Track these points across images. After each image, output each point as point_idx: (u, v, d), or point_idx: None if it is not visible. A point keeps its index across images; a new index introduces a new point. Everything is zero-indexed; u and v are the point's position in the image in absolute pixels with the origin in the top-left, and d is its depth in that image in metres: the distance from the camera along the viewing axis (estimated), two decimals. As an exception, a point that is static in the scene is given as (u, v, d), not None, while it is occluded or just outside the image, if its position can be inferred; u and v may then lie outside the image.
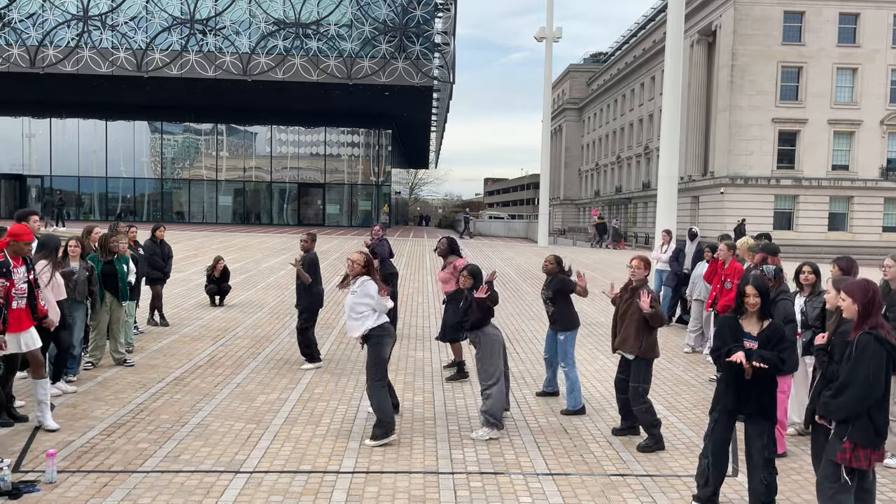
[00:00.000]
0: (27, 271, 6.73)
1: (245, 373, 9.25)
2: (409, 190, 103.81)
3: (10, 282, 6.48)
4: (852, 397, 4.42)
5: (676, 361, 10.81)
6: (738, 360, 5.06)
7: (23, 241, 6.66)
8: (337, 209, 50.47)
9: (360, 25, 38.61)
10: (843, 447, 4.47)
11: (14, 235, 6.64)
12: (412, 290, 17.31)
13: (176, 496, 5.40)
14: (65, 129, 48.07)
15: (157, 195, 49.53)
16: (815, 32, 44.57)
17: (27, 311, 6.70)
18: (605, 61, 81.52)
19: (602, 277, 21.92)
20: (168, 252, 12.41)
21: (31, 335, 6.73)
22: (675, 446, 6.93)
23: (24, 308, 6.66)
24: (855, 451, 4.45)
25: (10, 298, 6.51)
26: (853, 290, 4.61)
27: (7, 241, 6.63)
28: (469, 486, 5.79)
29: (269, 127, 48.90)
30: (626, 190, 65.81)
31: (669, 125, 18.07)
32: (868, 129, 44.98)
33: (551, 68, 38.64)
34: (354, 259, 6.99)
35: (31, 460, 6.01)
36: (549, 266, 8.16)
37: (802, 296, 7.22)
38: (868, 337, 4.44)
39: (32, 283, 6.78)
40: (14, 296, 6.55)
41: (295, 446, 6.58)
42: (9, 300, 6.49)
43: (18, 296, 6.61)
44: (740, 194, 44.68)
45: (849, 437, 4.46)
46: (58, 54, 37.90)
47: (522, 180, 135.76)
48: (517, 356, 10.78)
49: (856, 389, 4.42)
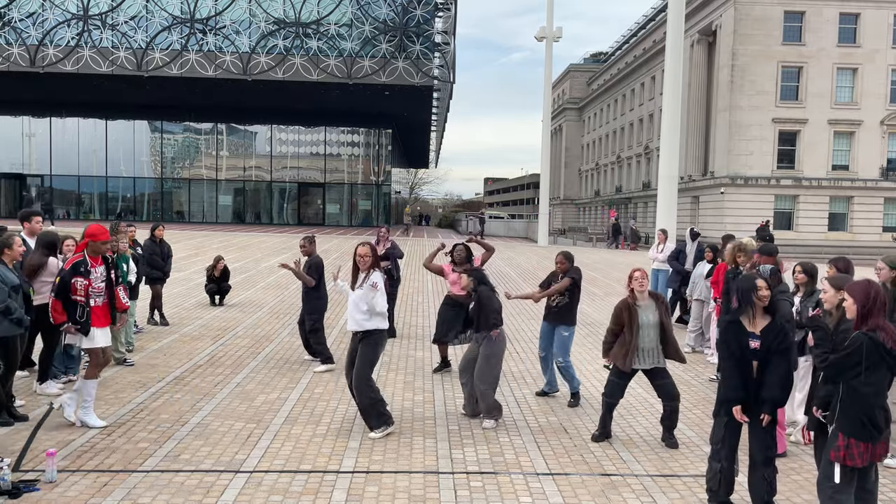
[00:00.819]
0: (106, 271, 6.98)
1: (245, 372, 9.25)
2: (409, 189, 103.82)
3: (87, 280, 6.78)
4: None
5: (676, 361, 10.80)
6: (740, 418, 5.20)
7: (99, 241, 6.93)
8: (337, 209, 50.50)
9: (360, 25, 38.62)
10: (836, 445, 4.45)
11: (91, 235, 6.93)
12: (412, 290, 17.31)
13: (176, 496, 5.40)
14: (65, 128, 48.08)
15: (157, 195, 49.54)
16: (815, 32, 44.56)
17: (104, 309, 6.94)
18: (606, 61, 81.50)
19: (603, 278, 21.92)
20: (168, 251, 12.40)
21: (106, 333, 6.97)
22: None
23: (101, 306, 6.91)
24: (849, 448, 4.40)
25: (88, 296, 6.80)
26: (854, 290, 4.60)
27: (86, 242, 6.93)
28: (469, 485, 5.78)
29: (269, 126, 48.92)
30: (626, 190, 65.80)
31: (669, 125, 18.09)
32: (868, 129, 44.97)
33: (551, 68, 38.68)
34: (363, 254, 7.02)
35: (30, 460, 6.00)
36: (563, 265, 8.22)
37: (797, 296, 7.25)
38: (863, 337, 4.43)
39: (112, 281, 7.03)
40: (92, 293, 6.83)
41: (295, 446, 6.57)
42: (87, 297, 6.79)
43: (96, 294, 6.88)
44: (740, 194, 44.68)
45: (840, 427, 4.42)
46: (58, 53, 37.90)
47: (522, 180, 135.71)
48: (517, 356, 10.78)
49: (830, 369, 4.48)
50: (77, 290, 6.74)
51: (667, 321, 6.94)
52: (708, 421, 7.83)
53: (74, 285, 6.73)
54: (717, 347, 5.47)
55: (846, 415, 4.43)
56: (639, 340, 6.80)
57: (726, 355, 5.22)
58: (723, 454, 5.33)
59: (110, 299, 7.01)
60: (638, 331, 6.80)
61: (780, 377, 5.07)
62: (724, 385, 5.26)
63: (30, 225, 8.52)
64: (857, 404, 4.42)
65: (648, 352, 6.85)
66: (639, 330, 6.80)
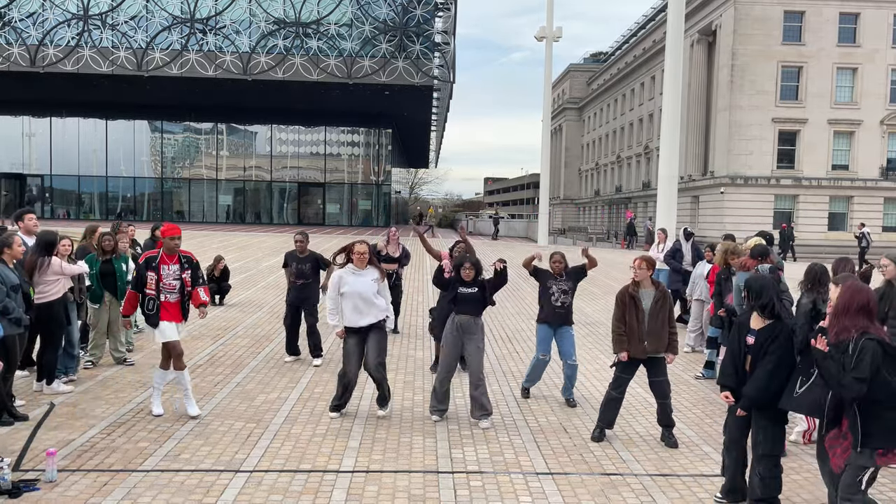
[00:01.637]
0: (181, 270, 7.20)
1: (245, 372, 9.25)
2: (409, 189, 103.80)
3: (158, 275, 7.10)
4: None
5: (676, 361, 10.80)
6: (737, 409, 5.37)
7: (168, 237, 7.20)
8: (337, 208, 50.48)
9: (360, 25, 38.62)
10: (875, 454, 4.53)
11: (162, 233, 7.35)
12: (412, 290, 17.31)
13: (176, 495, 5.40)
14: (65, 128, 48.05)
15: (157, 194, 49.52)
16: (815, 32, 44.54)
17: (176, 306, 7.22)
18: (606, 61, 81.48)
19: (603, 277, 21.93)
20: (168, 251, 12.38)
21: (173, 328, 7.22)
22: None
23: (172, 302, 7.19)
24: (887, 455, 4.53)
25: (158, 290, 7.12)
26: (845, 289, 4.73)
27: (162, 241, 7.23)
28: (469, 485, 5.79)
29: (269, 126, 48.90)
30: (626, 189, 65.79)
31: (669, 125, 18.09)
32: (868, 128, 44.95)
33: (551, 68, 38.67)
34: (363, 251, 7.34)
35: (31, 459, 6.01)
36: (559, 265, 8.24)
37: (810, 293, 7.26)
38: (871, 343, 4.48)
39: (186, 283, 7.25)
40: (162, 289, 7.13)
41: (295, 445, 6.58)
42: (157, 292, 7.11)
43: (167, 290, 7.15)
44: (740, 194, 44.68)
45: (878, 444, 4.50)
46: (58, 53, 37.89)
47: (522, 180, 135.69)
48: (517, 356, 10.79)
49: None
50: (148, 284, 7.08)
51: (663, 311, 6.91)
52: (707, 420, 7.84)
53: (147, 279, 7.09)
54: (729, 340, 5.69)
55: (880, 431, 4.50)
56: (644, 326, 6.82)
57: (728, 346, 5.57)
58: (724, 443, 5.55)
59: (184, 298, 7.26)
60: (643, 317, 6.82)
61: (759, 377, 5.17)
62: (720, 372, 5.65)
63: (24, 223, 8.53)
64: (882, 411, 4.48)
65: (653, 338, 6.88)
66: (644, 316, 6.82)
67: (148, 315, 7.18)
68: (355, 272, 7.34)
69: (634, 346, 6.84)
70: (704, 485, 5.96)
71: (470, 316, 7.40)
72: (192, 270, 7.33)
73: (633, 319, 6.85)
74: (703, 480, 6.06)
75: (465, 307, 7.40)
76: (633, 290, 6.94)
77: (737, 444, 5.45)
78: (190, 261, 7.32)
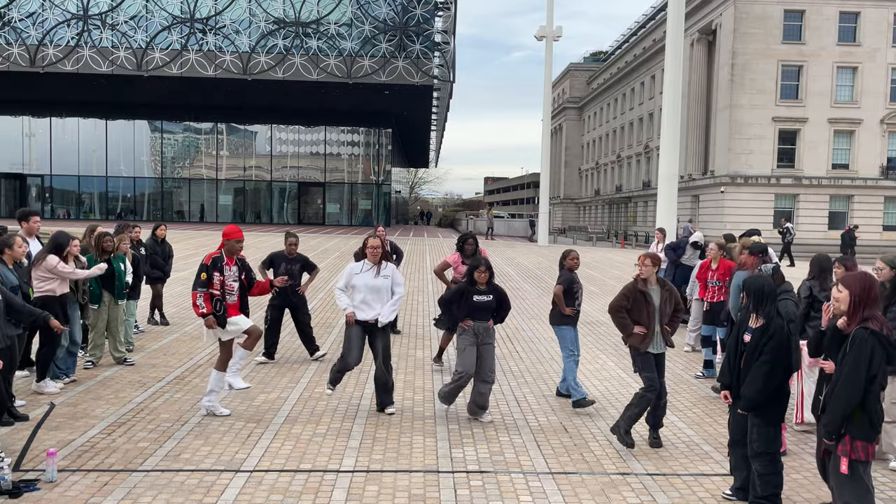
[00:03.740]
0: (239, 272, 7.28)
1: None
2: (409, 189, 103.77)
3: (222, 277, 7.18)
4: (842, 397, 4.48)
5: (676, 360, 10.81)
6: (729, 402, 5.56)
7: (233, 240, 7.24)
8: (337, 208, 50.47)
9: (360, 24, 38.60)
10: (843, 441, 4.54)
11: (226, 235, 7.31)
12: (412, 290, 17.31)
13: (176, 495, 5.40)
14: (65, 128, 48.05)
15: (157, 194, 49.51)
16: (815, 31, 44.54)
17: (235, 307, 7.29)
18: (606, 60, 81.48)
19: (602, 276, 21.93)
20: (169, 251, 12.39)
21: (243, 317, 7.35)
22: (675, 445, 6.92)
23: (233, 304, 7.27)
24: (853, 442, 4.52)
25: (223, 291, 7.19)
26: (849, 281, 4.71)
27: (224, 243, 7.23)
28: (469, 484, 5.79)
29: (269, 126, 48.89)
30: (626, 189, 65.79)
31: (669, 124, 18.07)
32: (868, 127, 44.95)
33: (551, 67, 38.62)
34: (376, 245, 7.50)
35: (31, 459, 6.00)
36: (575, 262, 8.31)
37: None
38: (863, 331, 4.49)
39: (244, 283, 7.33)
40: (225, 291, 7.19)
41: (295, 445, 6.58)
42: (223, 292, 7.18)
43: (228, 292, 7.22)
44: (740, 193, 44.68)
45: (847, 430, 4.52)
46: (58, 53, 37.89)
47: (523, 179, 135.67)
48: (517, 355, 10.78)
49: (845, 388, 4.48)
50: (213, 285, 7.14)
51: (665, 307, 6.85)
52: (707, 420, 7.84)
53: (212, 280, 7.14)
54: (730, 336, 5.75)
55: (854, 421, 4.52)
56: (654, 324, 6.71)
57: (727, 344, 5.67)
58: (728, 443, 5.63)
59: (242, 298, 7.34)
60: (654, 312, 6.72)
61: (756, 378, 5.18)
62: (720, 371, 5.73)
63: (28, 224, 8.52)
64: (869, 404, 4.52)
65: (658, 335, 6.84)
66: (654, 312, 6.73)
67: (216, 316, 7.19)
68: (366, 268, 7.50)
69: (647, 342, 6.74)
70: (705, 484, 5.95)
71: (485, 322, 7.46)
72: (247, 272, 7.47)
73: (643, 316, 6.73)
74: (703, 479, 6.06)
75: (481, 315, 7.44)
76: (643, 286, 6.85)
77: (740, 442, 5.46)
78: (244, 263, 7.46)
